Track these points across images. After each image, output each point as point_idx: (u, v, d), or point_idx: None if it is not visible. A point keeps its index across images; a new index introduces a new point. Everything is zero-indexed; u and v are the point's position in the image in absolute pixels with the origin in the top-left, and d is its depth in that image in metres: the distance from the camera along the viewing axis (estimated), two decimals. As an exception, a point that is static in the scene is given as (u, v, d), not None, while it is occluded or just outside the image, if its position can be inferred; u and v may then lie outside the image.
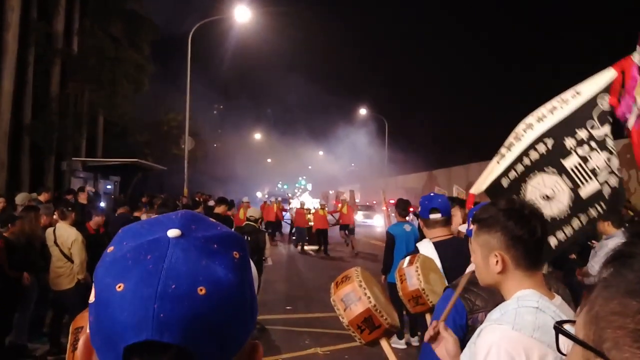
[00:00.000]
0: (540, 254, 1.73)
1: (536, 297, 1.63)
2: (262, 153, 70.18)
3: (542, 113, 3.21)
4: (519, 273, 1.70)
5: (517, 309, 1.60)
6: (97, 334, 0.63)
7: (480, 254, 1.79)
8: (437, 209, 3.53)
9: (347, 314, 2.15)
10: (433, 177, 36.28)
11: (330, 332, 7.86)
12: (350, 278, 2.23)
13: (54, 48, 21.10)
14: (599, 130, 3.10)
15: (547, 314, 1.57)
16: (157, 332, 0.58)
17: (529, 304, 1.61)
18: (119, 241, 0.68)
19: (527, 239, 1.68)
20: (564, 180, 3.10)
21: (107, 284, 0.62)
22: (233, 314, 0.63)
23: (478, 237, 1.80)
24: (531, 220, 1.70)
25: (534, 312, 1.58)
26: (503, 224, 1.71)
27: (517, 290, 1.68)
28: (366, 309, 2.12)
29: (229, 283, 0.63)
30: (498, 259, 1.71)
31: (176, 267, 0.62)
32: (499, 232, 1.72)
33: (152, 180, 26.70)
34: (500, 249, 1.71)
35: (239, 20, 20.82)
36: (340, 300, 2.19)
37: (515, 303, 1.63)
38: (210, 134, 40.56)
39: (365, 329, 2.14)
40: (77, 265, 6.41)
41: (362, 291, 2.15)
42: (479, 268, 1.81)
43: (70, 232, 6.51)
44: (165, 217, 0.70)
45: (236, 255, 0.67)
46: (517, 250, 1.69)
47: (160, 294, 0.59)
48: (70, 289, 6.45)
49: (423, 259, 2.83)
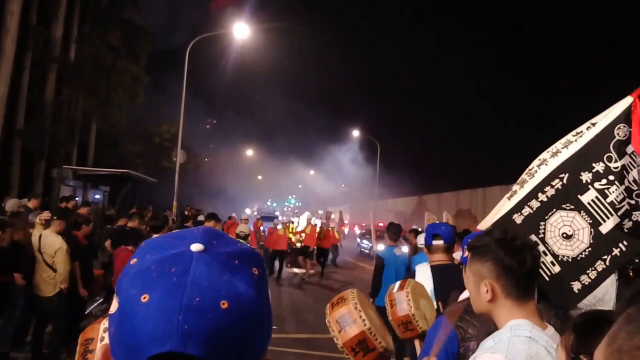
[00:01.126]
0: (531, 284, 1.75)
1: (529, 327, 1.65)
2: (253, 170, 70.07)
3: (557, 148, 3.12)
4: (509, 302, 1.72)
5: (510, 338, 1.62)
6: (118, 344, 0.64)
7: (473, 282, 1.81)
8: (439, 235, 3.60)
9: (342, 335, 2.15)
10: (423, 202, 36.38)
11: (315, 353, 7.81)
12: (346, 300, 2.23)
13: (51, 54, 21.08)
14: (616, 163, 2.96)
15: (539, 343, 1.60)
16: (181, 343, 0.59)
17: (522, 333, 1.63)
18: (141, 254, 0.70)
19: (516, 269, 1.70)
20: (582, 217, 2.97)
21: (131, 295, 0.64)
22: (252, 328, 0.65)
23: (471, 265, 1.83)
24: (522, 251, 1.72)
25: (527, 341, 1.60)
26: (494, 254, 1.73)
27: (509, 320, 1.70)
28: (361, 331, 2.12)
29: (250, 298, 0.65)
30: (488, 288, 1.73)
31: (200, 281, 0.63)
32: (489, 261, 1.74)
33: (142, 192, 26.51)
34: (491, 278, 1.73)
35: (236, 36, 20.92)
36: (336, 321, 2.18)
37: (508, 332, 1.65)
38: (201, 147, 40.49)
39: (360, 351, 2.14)
40: (60, 274, 6.33)
41: (357, 313, 2.15)
42: (472, 296, 1.84)
43: (55, 240, 6.42)
44: (188, 232, 0.72)
45: (255, 272, 0.69)
46: (507, 280, 1.71)
47: (185, 307, 0.61)
48: (52, 297, 6.37)
49: (414, 284, 2.83)
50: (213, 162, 48.37)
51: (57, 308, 6.44)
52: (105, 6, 24.20)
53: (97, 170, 18.71)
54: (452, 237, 3.67)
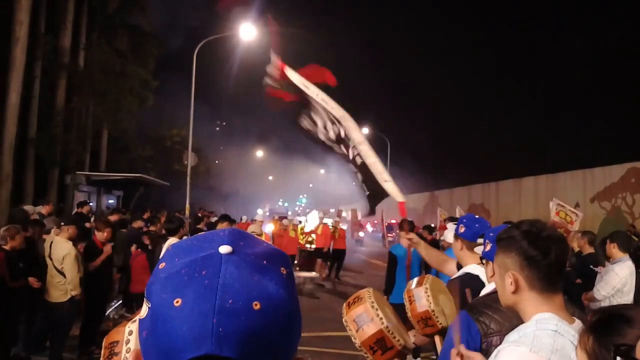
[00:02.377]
0: (556, 277, 1.73)
1: (555, 321, 1.63)
2: (264, 170, 70.18)
3: None
4: (534, 295, 1.70)
5: (535, 332, 1.60)
6: (152, 349, 0.64)
7: (498, 274, 1.81)
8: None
9: (360, 334, 2.15)
10: (435, 197, 36.27)
11: (331, 351, 7.81)
12: (362, 299, 2.23)
13: (61, 62, 21.25)
14: None
15: (565, 337, 1.57)
16: (217, 346, 0.59)
17: (547, 327, 1.61)
18: (170, 257, 0.69)
19: (540, 260, 1.69)
20: None
21: (164, 300, 0.63)
22: (284, 328, 0.65)
23: (497, 257, 1.82)
24: (547, 242, 1.71)
25: (553, 335, 1.58)
26: (518, 245, 1.73)
27: (535, 313, 1.69)
28: (379, 330, 2.12)
29: (280, 298, 0.65)
30: (512, 280, 1.72)
31: (231, 283, 0.63)
32: (513, 252, 1.73)
33: (154, 195, 26.70)
34: (515, 269, 1.73)
35: (243, 38, 20.98)
36: (353, 320, 2.18)
37: (534, 325, 1.63)
38: (212, 150, 40.66)
39: (378, 349, 2.13)
40: (69, 281, 6.31)
41: (374, 312, 2.15)
42: (499, 288, 1.83)
43: (64, 246, 6.42)
44: (214, 234, 0.72)
45: (284, 271, 0.69)
46: (531, 271, 1.70)
47: (218, 309, 0.61)
48: (64, 303, 6.36)
49: (432, 280, 2.82)
50: (224, 164, 48.55)
51: (66, 314, 6.43)
52: (112, 12, 24.35)
53: (110, 175, 18.86)
54: None
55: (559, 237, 1.79)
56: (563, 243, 1.77)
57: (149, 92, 25.73)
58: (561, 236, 1.79)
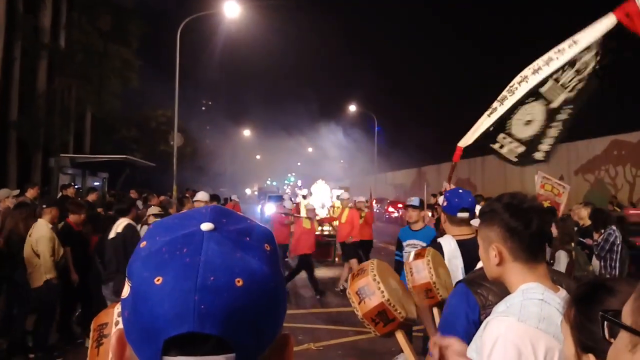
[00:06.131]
0: (538, 247, 1.75)
1: (541, 290, 1.65)
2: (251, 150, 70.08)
3: (538, 65, 3.63)
4: (518, 266, 1.72)
5: (522, 301, 1.62)
6: (133, 328, 0.63)
7: (483, 248, 1.83)
8: (467, 209, 3.40)
9: (362, 307, 2.18)
10: (422, 173, 36.47)
11: (323, 327, 7.89)
12: (365, 271, 2.25)
13: (41, 43, 20.86)
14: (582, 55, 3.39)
15: (552, 305, 1.59)
16: (199, 323, 0.58)
17: (534, 296, 1.63)
18: (151, 236, 0.68)
19: (521, 231, 1.71)
20: (539, 102, 3.56)
21: (144, 278, 0.62)
22: (268, 304, 0.64)
23: (481, 231, 1.85)
24: (528, 213, 1.73)
25: (540, 304, 1.60)
26: (500, 217, 1.75)
27: (520, 284, 1.71)
28: (380, 302, 2.14)
29: (263, 274, 0.64)
30: (496, 252, 1.75)
31: (213, 260, 0.62)
32: (496, 224, 1.76)
33: (140, 177, 26.55)
34: (498, 241, 1.75)
35: (228, 15, 20.70)
36: (355, 293, 2.21)
37: (520, 295, 1.65)
38: (198, 130, 40.42)
39: (380, 322, 2.17)
40: (42, 263, 6.11)
41: (376, 285, 2.17)
42: (484, 261, 1.85)
43: (40, 229, 6.25)
44: (196, 212, 0.71)
45: (267, 248, 0.68)
46: (514, 242, 1.72)
47: (199, 286, 0.60)
48: (40, 287, 6.13)
49: (433, 253, 2.85)
50: (211, 143, 48.36)
51: (44, 298, 6.20)
52: (92, -10, 23.89)
53: (94, 157, 18.71)
54: (475, 209, 3.46)
55: (540, 208, 1.82)
56: (544, 214, 1.80)
57: (133, 73, 25.43)
58: (542, 207, 1.82)
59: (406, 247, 5.97)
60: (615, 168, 19.07)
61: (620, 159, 18.87)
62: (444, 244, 3.41)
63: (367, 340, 6.88)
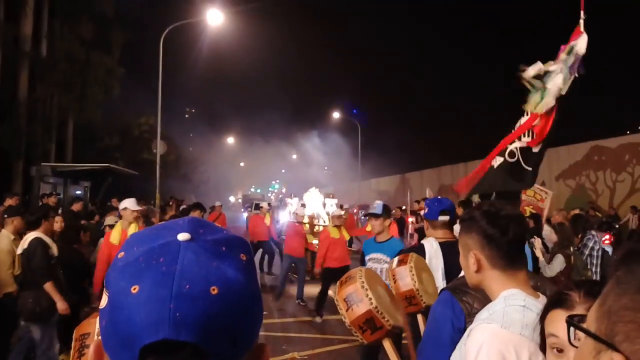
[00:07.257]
0: (516, 254, 1.77)
1: (522, 296, 1.68)
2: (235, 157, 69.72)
3: None
4: (496, 273, 1.75)
5: (505, 308, 1.65)
6: (111, 336, 0.64)
7: (463, 255, 1.85)
8: (448, 211, 3.63)
9: (349, 314, 2.17)
10: (406, 180, 36.56)
11: (307, 336, 7.88)
12: (353, 278, 2.25)
13: (22, 51, 20.62)
14: None
15: (534, 312, 1.62)
16: (174, 331, 0.60)
17: (516, 302, 1.65)
18: (129, 246, 0.70)
19: (498, 238, 1.73)
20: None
21: (121, 287, 0.64)
22: (244, 312, 0.66)
23: (460, 238, 1.88)
24: (505, 221, 1.75)
25: (522, 310, 1.63)
26: (478, 225, 1.78)
27: (500, 290, 1.73)
28: (367, 310, 2.14)
29: (239, 283, 0.66)
30: (474, 259, 1.77)
31: (189, 269, 0.64)
32: (474, 232, 1.79)
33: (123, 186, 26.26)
34: (476, 249, 1.78)
35: (211, 23, 20.63)
36: (343, 300, 2.21)
37: (502, 302, 1.68)
38: (182, 138, 40.12)
39: (367, 329, 2.16)
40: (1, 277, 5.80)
41: (364, 292, 2.17)
42: (464, 269, 1.88)
43: (1, 241, 5.94)
44: (173, 223, 0.73)
45: (244, 257, 0.70)
46: (491, 249, 1.75)
47: (175, 294, 0.61)
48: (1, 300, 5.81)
49: (416, 258, 2.84)
50: (194, 151, 48.03)
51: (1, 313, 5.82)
52: (74, -1, 23.67)
53: (76, 166, 18.45)
54: (455, 213, 3.70)
55: (518, 215, 1.84)
56: (521, 221, 1.83)
57: (115, 81, 25.19)
58: (520, 215, 1.86)
59: (368, 262, 5.15)
60: (596, 173, 19.31)
61: (600, 164, 19.12)
62: (426, 244, 3.56)
63: (353, 349, 6.88)
